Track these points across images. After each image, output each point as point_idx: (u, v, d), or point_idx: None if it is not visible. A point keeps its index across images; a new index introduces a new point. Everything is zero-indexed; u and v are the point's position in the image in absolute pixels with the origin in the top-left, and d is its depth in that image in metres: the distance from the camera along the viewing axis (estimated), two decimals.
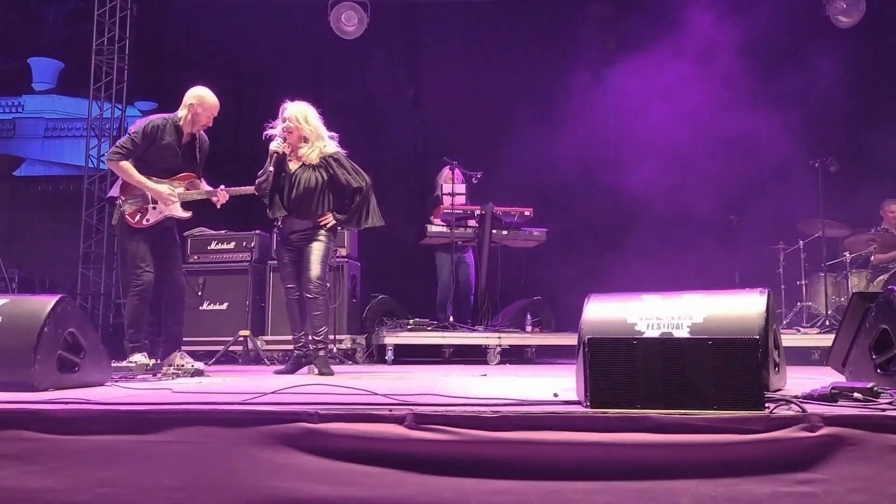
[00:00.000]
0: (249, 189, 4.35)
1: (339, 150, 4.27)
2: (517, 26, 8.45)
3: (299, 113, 4.17)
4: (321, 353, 4.19)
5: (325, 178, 4.19)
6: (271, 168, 4.18)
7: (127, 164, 4.19)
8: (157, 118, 4.30)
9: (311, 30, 8.47)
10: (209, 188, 4.45)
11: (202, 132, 4.44)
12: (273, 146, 4.19)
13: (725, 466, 1.93)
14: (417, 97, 8.55)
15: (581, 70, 8.38)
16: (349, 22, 8.21)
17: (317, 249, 4.16)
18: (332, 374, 4.01)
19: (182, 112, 4.30)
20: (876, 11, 7.97)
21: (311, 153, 4.19)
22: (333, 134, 4.33)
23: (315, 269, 4.13)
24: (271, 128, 4.27)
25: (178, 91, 8.38)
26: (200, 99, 4.29)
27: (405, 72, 8.53)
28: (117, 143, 4.32)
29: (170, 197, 4.25)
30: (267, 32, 8.52)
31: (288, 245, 4.29)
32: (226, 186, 4.42)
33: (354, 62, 8.45)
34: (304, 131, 4.17)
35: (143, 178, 4.21)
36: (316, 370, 4.13)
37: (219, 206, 4.47)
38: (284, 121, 4.19)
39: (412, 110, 8.54)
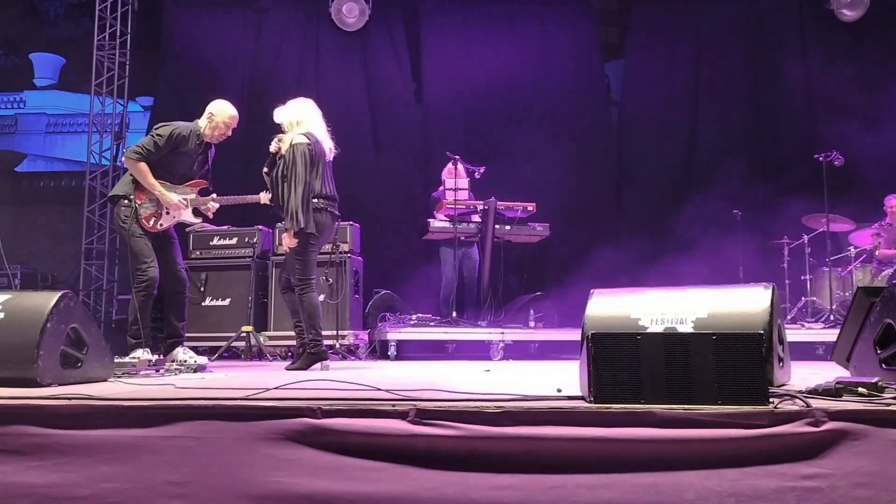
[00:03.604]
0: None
1: (306, 140, 4.18)
2: (520, 19, 8.38)
3: (279, 111, 4.33)
4: (310, 350, 4.18)
5: (288, 166, 4.16)
6: (265, 169, 4.30)
7: (144, 166, 4.25)
8: (182, 126, 4.37)
9: (312, 21, 8.37)
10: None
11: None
12: (270, 147, 4.30)
13: (730, 461, 1.93)
14: (419, 90, 8.47)
15: (584, 63, 8.33)
16: (350, 14, 8.15)
17: (294, 244, 4.20)
18: (303, 369, 4.06)
19: (203, 122, 4.41)
20: (880, 4, 7.92)
21: (286, 144, 4.25)
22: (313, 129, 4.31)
23: (294, 265, 4.24)
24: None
25: (178, 87, 8.32)
26: (220, 111, 4.41)
27: (407, 64, 8.40)
28: (139, 143, 4.35)
29: (179, 204, 4.33)
30: (268, 24, 8.43)
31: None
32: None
33: (356, 55, 8.35)
34: (284, 125, 4.31)
35: (155, 182, 4.27)
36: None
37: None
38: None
39: (415, 104, 8.45)
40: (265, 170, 4.30)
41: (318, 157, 4.22)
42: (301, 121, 4.28)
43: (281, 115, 4.33)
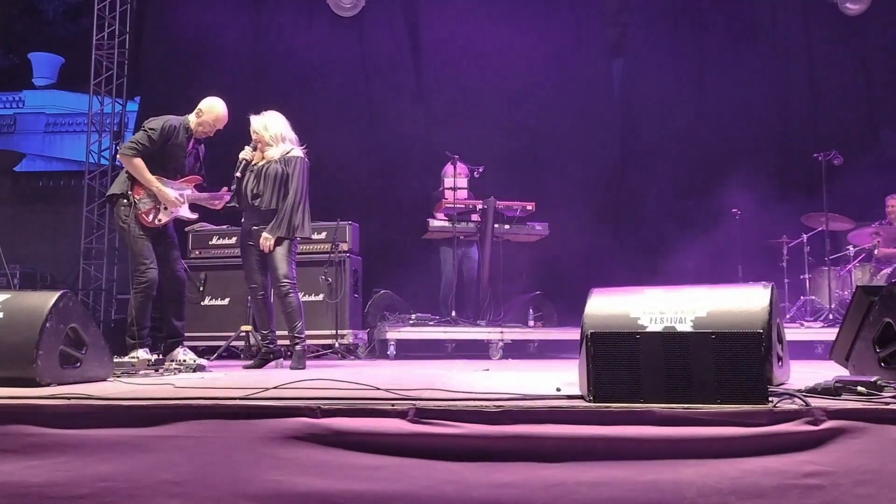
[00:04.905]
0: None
1: (303, 157, 4.41)
2: (522, 9, 8.27)
3: (260, 124, 4.41)
4: (297, 347, 4.29)
5: (285, 172, 4.33)
6: (238, 174, 4.41)
7: (140, 162, 4.25)
8: (173, 119, 4.38)
9: (306, 6, 8.17)
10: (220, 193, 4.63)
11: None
12: (241, 154, 4.42)
13: (730, 460, 1.93)
14: (419, 84, 8.28)
15: (586, 62, 8.29)
16: None
17: (279, 247, 4.30)
18: (304, 368, 4.18)
19: (192, 116, 4.41)
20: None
21: (274, 153, 4.38)
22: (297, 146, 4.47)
23: (281, 266, 4.29)
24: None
25: (165, 81, 8.14)
26: (210, 107, 4.41)
27: (407, 55, 8.18)
28: (133, 139, 4.35)
29: (176, 201, 4.34)
30: (259, 11, 8.29)
31: (250, 240, 4.41)
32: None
33: (353, 43, 8.14)
34: (265, 138, 4.39)
35: (152, 178, 4.27)
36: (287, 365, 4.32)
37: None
38: (253, 133, 4.44)
39: (414, 98, 8.26)
40: (237, 175, 4.40)
41: None
42: (285, 136, 4.41)
43: (262, 127, 4.39)
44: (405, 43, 8.25)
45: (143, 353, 4.02)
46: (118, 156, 5.05)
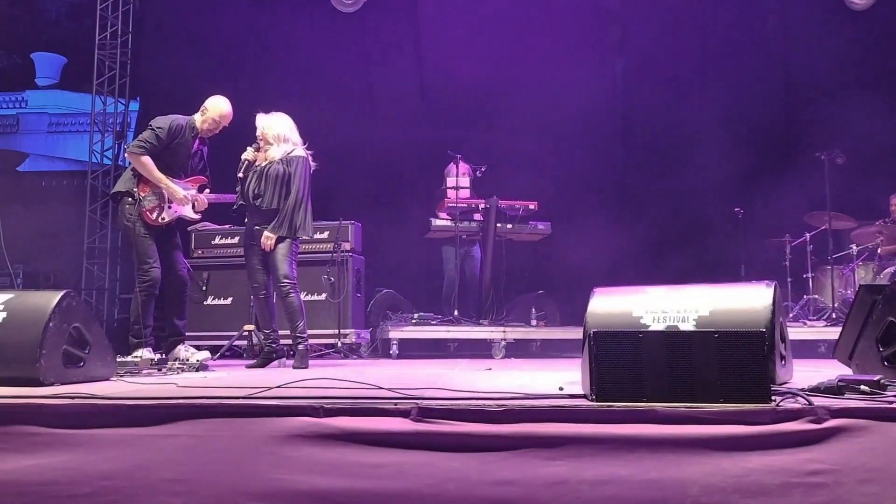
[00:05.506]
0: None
1: (306, 158, 4.43)
2: (523, 10, 8.25)
3: (265, 122, 4.46)
4: (300, 346, 4.31)
5: (287, 173, 4.35)
6: (241, 174, 4.44)
7: (148, 159, 4.29)
8: (179, 118, 4.42)
9: (309, 5, 8.14)
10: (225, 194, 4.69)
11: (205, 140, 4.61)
12: (244, 155, 4.44)
13: (733, 458, 1.93)
14: (421, 82, 8.23)
15: (587, 61, 8.28)
16: None
17: (280, 246, 4.33)
18: (306, 367, 4.19)
19: (197, 115, 4.46)
20: None
21: (276, 154, 4.41)
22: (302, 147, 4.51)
23: (282, 266, 4.31)
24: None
25: (165, 81, 8.12)
26: (213, 106, 4.45)
27: (408, 50, 8.12)
28: (140, 137, 4.38)
29: (185, 198, 4.36)
30: (258, 7, 8.27)
31: (253, 240, 4.44)
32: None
33: (354, 39, 8.09)
34: (268, 137, 4.43)
35: (161, 176, 4.31)
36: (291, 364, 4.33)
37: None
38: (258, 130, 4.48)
39: (416, 96, 8.22)
40: (240, 175, 4.42)
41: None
42: (288, 137, 4.44)
43: (267, 126, 4.42)
44: (407, 40, 8.23)
45: (146, 353, 4.03)
46: (126, 154, 5.08)
